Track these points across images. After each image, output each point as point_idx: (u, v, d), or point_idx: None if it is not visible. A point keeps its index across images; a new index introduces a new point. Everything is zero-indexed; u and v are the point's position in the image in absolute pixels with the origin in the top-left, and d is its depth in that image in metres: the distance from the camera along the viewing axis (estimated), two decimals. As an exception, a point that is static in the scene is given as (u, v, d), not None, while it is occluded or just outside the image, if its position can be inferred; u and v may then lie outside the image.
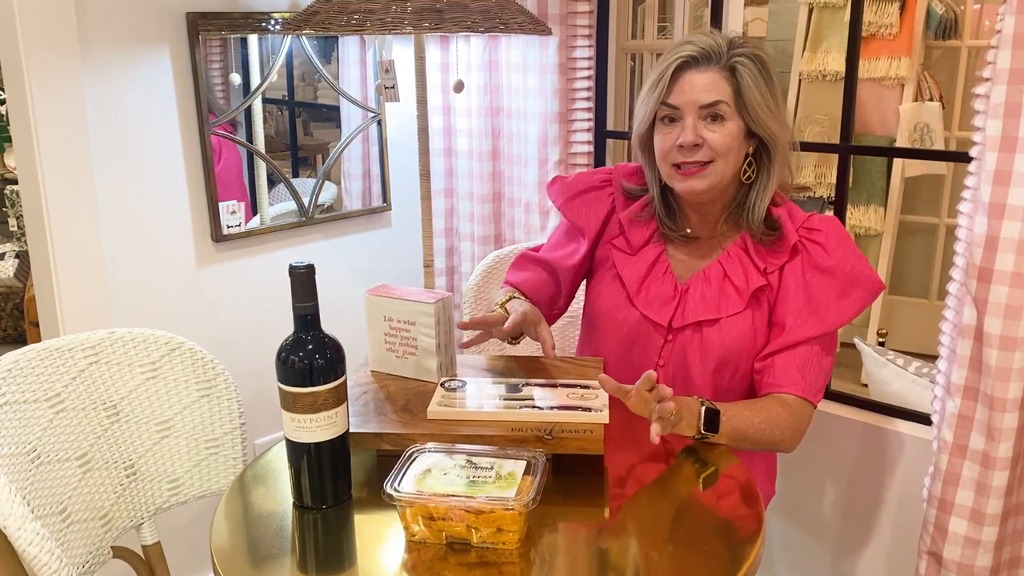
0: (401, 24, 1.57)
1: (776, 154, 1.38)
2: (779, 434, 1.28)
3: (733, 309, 1.39)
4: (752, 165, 1.39)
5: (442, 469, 1.08)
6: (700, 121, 1.33)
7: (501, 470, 1.07)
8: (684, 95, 1.33)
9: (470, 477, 1.06)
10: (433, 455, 1.11)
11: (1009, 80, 1.26)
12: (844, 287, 1.35)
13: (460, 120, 2.24)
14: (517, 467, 1.08)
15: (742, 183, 1.40)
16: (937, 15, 3.24)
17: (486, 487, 1.04)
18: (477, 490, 1.03)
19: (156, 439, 1.43)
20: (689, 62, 1.34)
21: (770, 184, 1.39)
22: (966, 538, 1.41)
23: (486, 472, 1.07)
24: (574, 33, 2.02)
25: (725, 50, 1.34)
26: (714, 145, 1.33)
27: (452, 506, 1.01)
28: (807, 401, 1.33)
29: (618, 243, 1.49)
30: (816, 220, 1.40)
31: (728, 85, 1.33)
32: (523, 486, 1.04)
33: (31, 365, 1.27)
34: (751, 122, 1.34)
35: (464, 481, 1.05)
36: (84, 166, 1.73)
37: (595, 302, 1.51)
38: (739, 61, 1.33)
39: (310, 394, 1.08)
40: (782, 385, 1.34)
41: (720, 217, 1.43)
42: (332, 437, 1.11)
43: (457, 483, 1.05)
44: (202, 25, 1.86)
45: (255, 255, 2.06)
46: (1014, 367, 1.31)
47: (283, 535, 1.10)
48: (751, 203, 1.39)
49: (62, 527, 1.24)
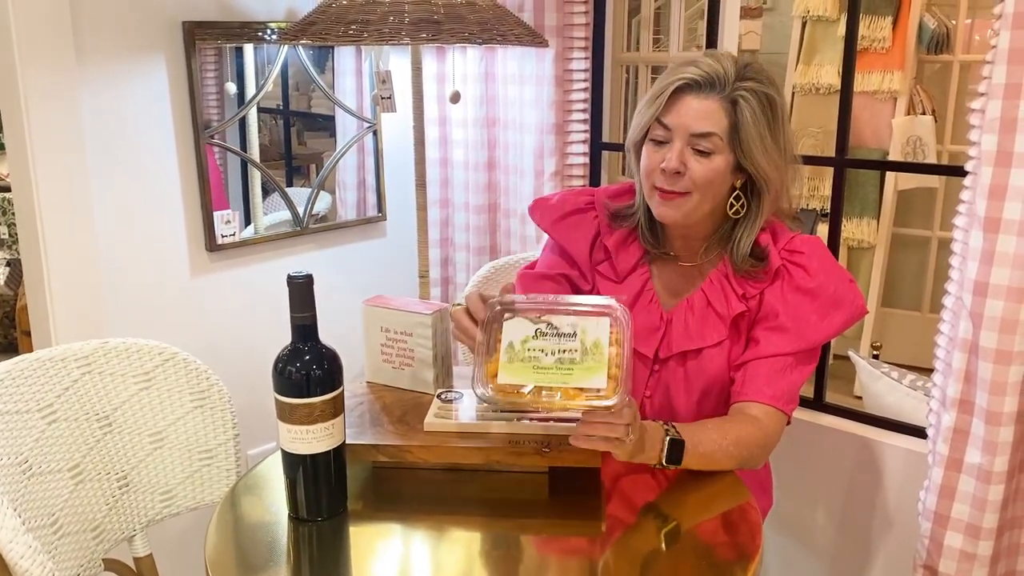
0: (398, 35, 1.57)
1: (766, 194, 1.33)
2: (747, 453, 1.26)
3: (716, 338, 1.36)
4: (740, 199, 1.34)
5: (525, 344, 1.03)
6: (687, 148, 1.29)
7: (585, 337, 1.03)
8: (679, 117, 1.29)
9: (557, 353, 1.02)
10: (511, 323, 1.05)
11: (1005, 95, 1.26)
12: (825, 308, 1.33)
13: (456, 131, 2.24)
14: (600, 332, 1.04)
15: (727, 215, 1.36)
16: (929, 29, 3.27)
17: (575, 371, 1.00)
18: (567, 376, 1.00)
19: (149, 450, 1.41)
20: (692, 85, 1.29)
21: (757, 222, 1.35)
22: (962, 552, 1.41)
23: (570, 342, 1.02)
24: (570, 45, 2.03)
25: (732, 79, 1.28)
26: (695, 177, 1.29)
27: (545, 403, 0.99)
28: (777, 410, 1.30)
29: (603, 269, 1.45)
30: (799, 242, 1.37)
31: (726, 118, 1.28)
32: (612, 363, 1.01)
33: (23, 375, 1.26)
34: (743, 159, 1.30)
35: (552, 360, 1.01)
36: (79, 174, 1.72)
37: None
38: (742, 95, 1.27)
39: (307, 405, 1.07)
40: (748, 394, 1.31)
41: (702, 246, 1.39)
42: (328, 449, 1.10)
43: (545, 365, 1.00)
44: (198, 34, 1.85)
45: (249, 265, 2.06)
46: (1009, 380, 1.31)
47: (277, 547, 1.09)
48: (736, 238, 1.35)
49: (53, 539, 1.23)
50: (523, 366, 1.00)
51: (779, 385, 1.31)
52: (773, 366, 1.32)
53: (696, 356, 1.37)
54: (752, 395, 1.31)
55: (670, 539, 1.11)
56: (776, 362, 1.32)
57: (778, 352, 1.32)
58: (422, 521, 1.13)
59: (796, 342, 1.32)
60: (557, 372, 1.00)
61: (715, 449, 1.21)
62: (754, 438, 1.26)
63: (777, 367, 1.32)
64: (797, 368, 1.33)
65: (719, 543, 1.11)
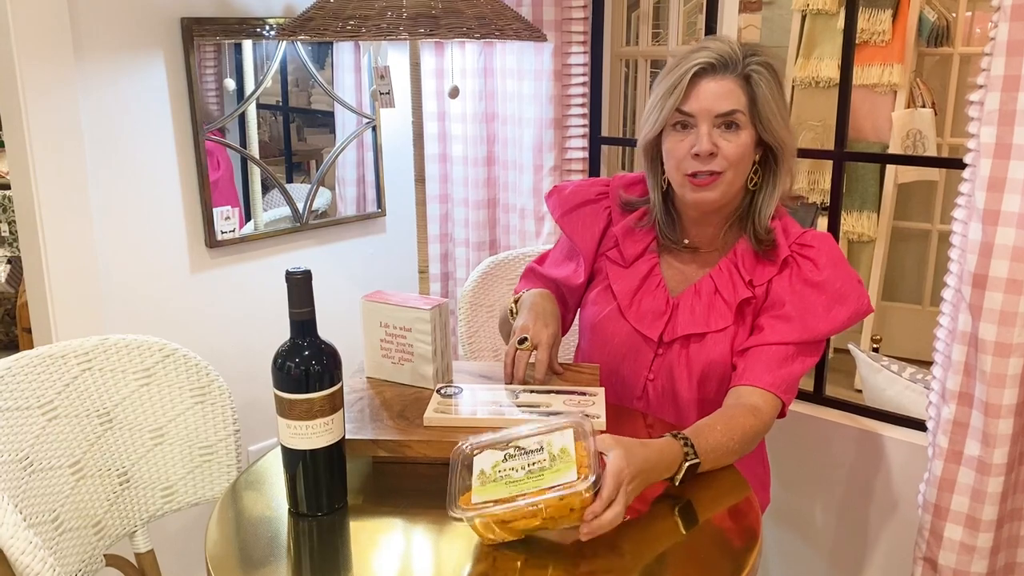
0: (396, 30, 1.57)
1: (784, 162, 1.37)
2: (747, 447, 1.27)
3: (722, 323, 1.38)
4: (758, 172, 1.39)
5: (496, 468, 1.04)
6: (715, 130, 1.32)
7: (552, 448, 1.04)
8: (700, 103, 1.32)
9: (526, 467, 1.03)
10: (480, 456, 1.07)
11: (1003, 87, 1.26)
12: (831, 302, 1.34)
13: (455, 126, 2.24)
14: (566, 439, 1.05)
15: (747, 190, 1.40)
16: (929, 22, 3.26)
17: (545, 475, 1.01)
18: (539, 481, 1.01)
19: (149, 446, 1.42)
20: (706, 68, 1.32)
21: (776, 191, 1.38)
22: (962, 544, 1.41)
23: (538, 455, 1.04)
24: (569, 39, 2.03)
25: (741, 58, 1.33)
26: (728, 155, 1.32)
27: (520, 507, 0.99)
28: (775, 396, 1.31)
29: (612, 255, 1.48)
30: (810, 236, 1.39)
31: (744, 94, 1.32)
32: (580, 459, 1.02)
33: (23, 372, 1.26)
34: (763, 131, 1.34)
35: (523, 474, 1.02)
36: (78, 172, 1.72)
37: (587, 315, 1.50)
38: (754, 70, 1.33)
39: (306, 401, 1.07)
40: (748, 379, 1.32)
41: (723, 227, 1.42)
42: (328, 444, 1.10)
43: (517, 479, 1.02)
44: (196, 31, 1.85)
45: (249, 261, 2.06)
46: (1009, 373, 1.31)
47: (277, 542, 1.09)
48: (756, 208, 1.39)
49: (55, 535, 1.24)
50: (495, 485, 1.03)
51: (779, 373, 1.32)
52: (775, 354, 1.33)
53: (700, 340, 1.39)
54: (752, 380, 1.32)
55: (669, 532, 1.11)
56: (779, 350, 1.33)
57: (781, 340, 1.33)
58: (422, 515, 1.13)
59: (800, 332, 1.34)
60: (528, 481, 1.02)
61: (723, 453, 1.22)
62: (755, 430, 1.27)
63: (779, 355, 1.33)
64: (799, 359, 1.34)
65: (718, 537, 1.11)
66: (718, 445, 1.21)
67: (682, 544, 1.09)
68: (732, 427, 1.25)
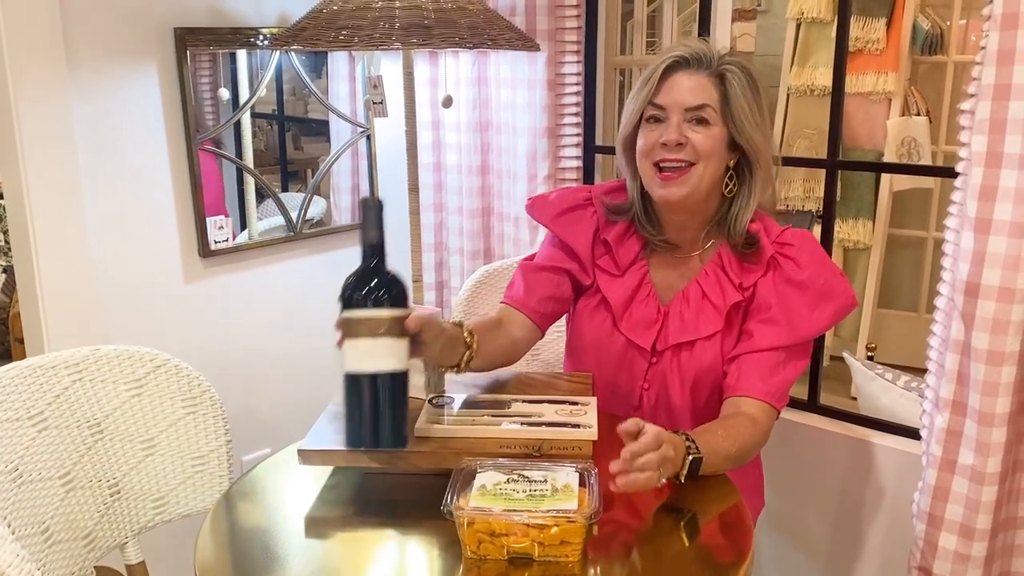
0: (389, 40, 1.57)
1: (758, 168, 1.37)
2: (746, 455, 1.28)
3: (712, 328, 1.38)
4: (733, 179, 1.38)
5: (498, 485, 1.06)
6: (685, 123, 1.33)
7: (556, 482, 1.06)
8: (671, 95, 1.33)
9: (528, 491, 1.04)
10: (484, 473, 1.09)
11: (993, 96, 1.26)
12: (815, 300, 1.35)
13: (449, 135, 2.24)
14: (571, 479, 1.07)
15: (723, 196, 1.39)
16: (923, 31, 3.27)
17: (545, 500, 1.02)
18: (539, 503, 1.02)
19: (141, 457, 1.41)
20: (680, 63, 1.34)
21: (752, 199, 1.38)
22: (956, 553, 1.40)
23: (541, 485, 1.05)
24: (563, 49, 2.03)
25: (716, 56, 1.35)
26: (697, 146, 1.32)
27: (516, 521, 0.99)
28: (771, 406, 1.32)
29: (603, 263, 1.47)
30: (789, 235, 1.40)
31: (715, 90, 1.33)
32: (582, 498, 1.03)
33: (13, 383, 1.25)
34: (735, 132, 1.34)
35: (524, 495, 1.03)
36: (71, 181, 1.72)
37: (581, 327, 1.49)
38: (729, 69, 1.34)
39: (375, 318, 1.05)
40: (743, 389, 1.33)
41: (701, 231, 1.42)
42: (392, 370, 1.06)
43: (517, 498, 1.03)
44: (190, 40, 1.85)
45: (243, 270, 2.05)
46: (1001, 382, 1.31)
47: (269, 553, 1.09)
48: (733, 216, 1.39)
49: (44, 548, 1.23)
50: (494, 498, 1.04)
51: (772, 381, 1.33)
52: (766, 361, 1.34)
53: (690, 348, 1.39)
54: (746, 390, 1.32)
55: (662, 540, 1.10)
56: (769, 357, 1.34)
57: (771, 346, 1.34)
58: (413, 527, 1.13)
59: (788, 335, 1.34)
60: (528, 501, 1.03)
61: (723, 458, 1.22)
62: (754, 440, 1.28)
63: (770, 362, 1.34)
64: (790, 364, 1.35)
65: (711, 544, 1.11)
66: (719, 448, 1.21)
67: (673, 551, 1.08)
68: (732, 434, 1.26)
